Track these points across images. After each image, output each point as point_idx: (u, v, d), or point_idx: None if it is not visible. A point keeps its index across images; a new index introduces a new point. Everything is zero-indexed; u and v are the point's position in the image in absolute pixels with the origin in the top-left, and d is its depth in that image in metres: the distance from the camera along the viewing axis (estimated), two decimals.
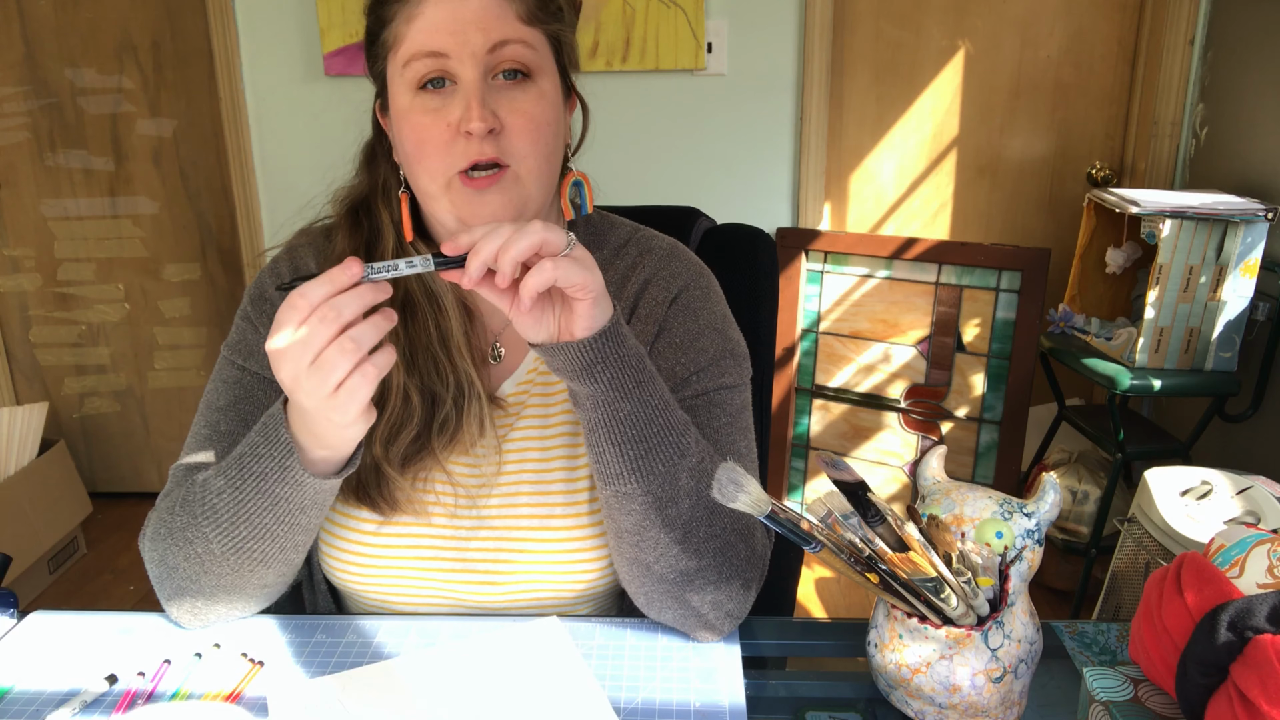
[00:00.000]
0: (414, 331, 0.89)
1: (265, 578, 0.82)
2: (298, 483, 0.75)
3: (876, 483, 2.52)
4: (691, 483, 0.78)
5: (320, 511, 0.80)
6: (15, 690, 0.79)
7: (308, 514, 0.79)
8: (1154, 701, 0.65)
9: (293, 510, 0.77)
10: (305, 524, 0.79)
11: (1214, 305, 1.94)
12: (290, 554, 0.81)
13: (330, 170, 0.95)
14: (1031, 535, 0.70)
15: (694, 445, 0.79)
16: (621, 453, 0.76)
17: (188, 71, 2.66)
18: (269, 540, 0.78)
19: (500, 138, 0.80)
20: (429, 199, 0.85)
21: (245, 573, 0.80)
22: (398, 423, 0.87)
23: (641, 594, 0.83)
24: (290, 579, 0.86)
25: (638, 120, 2.52)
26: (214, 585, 0.81)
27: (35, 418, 2.54)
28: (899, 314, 2.42)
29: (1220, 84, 2.28)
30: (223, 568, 0.80)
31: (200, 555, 0.80)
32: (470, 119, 0.78)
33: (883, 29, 2.53)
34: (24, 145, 2.75)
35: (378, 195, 0.91)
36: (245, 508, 0.77)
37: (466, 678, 0.78)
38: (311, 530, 0.81)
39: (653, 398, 0.77)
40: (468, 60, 0.79)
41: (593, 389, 0.75)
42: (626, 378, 0.75)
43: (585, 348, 0.73)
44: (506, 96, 0.81)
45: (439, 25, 0.79)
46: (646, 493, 0.77)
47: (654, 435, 0.76)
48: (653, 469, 0.77)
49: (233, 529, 0.78)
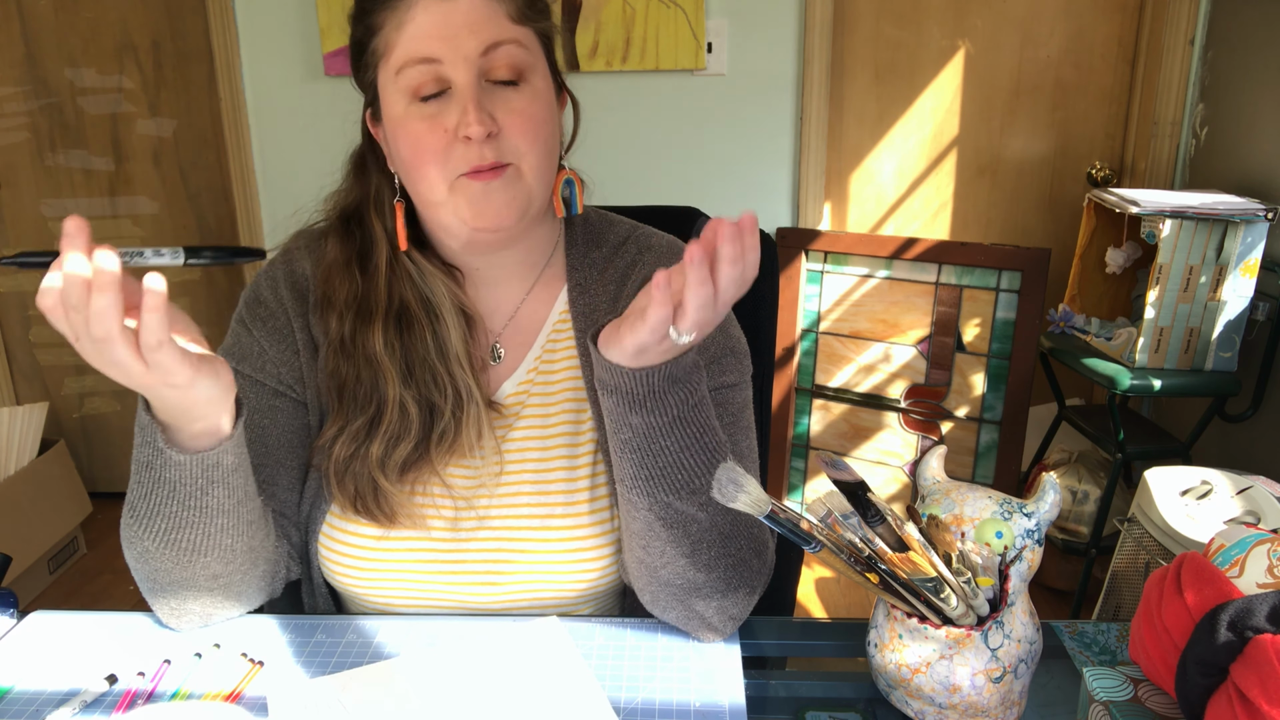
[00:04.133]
0: (410, 344, 0.88)
1: (211, 568, 0.80)
2: (177, 463, 0.73)
3: (876, 483, 2.52)
4: (704, 515, 0.77)
5: (229, 491, 0.77)
6: (15, 690, 0.79)
7: (211, 494, 0.76)
8: (1154, 701, 0.65)
9: (192, 492, 0.75)
10: (215, 505, 0.76)
11: (1214, 305, 1.94)
12: (221, 538, 0.78)
13: (330, 170, 0.95)
14: (1031, 535, 0.70)
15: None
16: (637, 473, 0.75)
17: (188, 71, 2.66)
18: (189, 528, 0.77)
19: (499, 140, 0.80)
20: (431, 206, 0.84)
21: (187, 565, 0.79)
22: (395, 435, 0.87)
23: (647, 593, 0.83)
24: (245, 572, 0.83)
25: (638, 120, 2.52)
26: (171, 581, 0.81)
27: (35, 418, 2.54)
28: (899, 314, 2.42)
29: (1220, 84, 2.28)
30: (165, 562, 0.79)
31: (144, 554, 0.79)
32: (468, 123, 0.78)
33: (883, 29, 2.53)
34: (24, 145, 2.75)
35: (369, 205, 0.91)
36: (150, 499, 0.76)
37: (466, 678, 0.78)
38: (231, 513, 0.78)
39: (703, 435, 0.74)
40: (461, 65, 0.79)
41: (641, 420, 0.73)
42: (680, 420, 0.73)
43: (646, 379, 0.70)
44: (502, 98, 0.81)
45: (430, 30, 0.78)
46: (650, 510, 0.76)
47: (689, 467, 0.74)
48: (655, 495, 0.76)
49: (151, 522, 0.77)
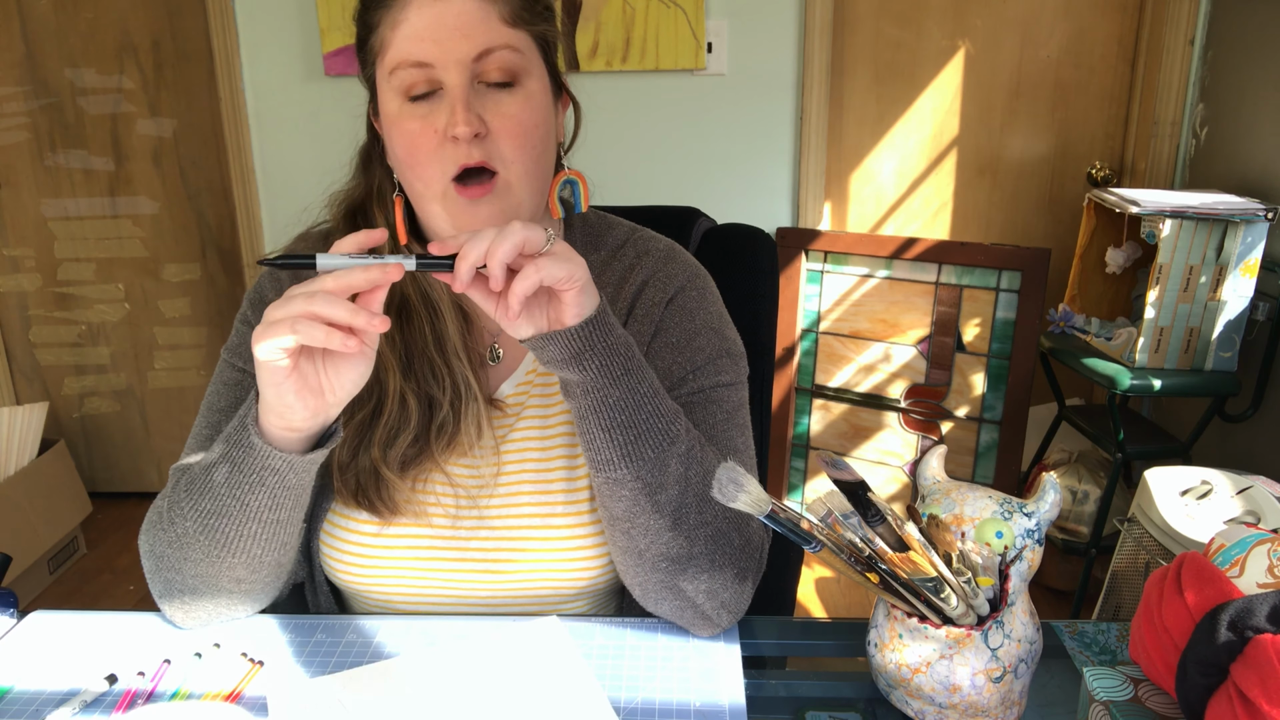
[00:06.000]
0: (410, 336, 0.89)
1: (237, 570, 0.81)
2: (249, 444, 0.76)
3: (876, 483, 2.52)
4: (681, 469, 0.79)
5: (274, 505, 0.78)
6: (15, 690, 0.79)
7: (257, 495, 0.77)
8: (1154, 701, 0.65)
9: (243, 481, 0.77)
10: (256, 507, 0.77)
11: (1214, 305, 1.94)
12: (252, 546, 0.79)
13: (330, 171, 0.96)
14: (1031, 535, 0.70)
15: (683, 433, 0.80)
16: (611, 438, 0.77)
17: (188, 71, 2.66)
18: (228, 517, 0.78)
19: (487, 142, 0.81)
20: (423, 200, 0.85)
21: (216, 559, 0.80)
22: (395, 427, 0.87)
23: (637, 584, 0.83)
24: (266, 583, 0.85)
25: (638, 120, 2.52)
26: (195, 574, 0.81)
27: (35, 418, 2.54)
28: (899, 314, 2.42)
29: (1220, 84, 2.28)
30: (196, 551, 0.80)
31: (179, 537, 0.80)
32: (455, 124, 0.79)
33: (883, 29, 2.53)
34: (24, 145, 2.75)
35: (373, 199, 0.91)
36: (213, 471, 0.78)
37: (466, 678, 0.78)
38: (268, 524, 0.79)
39: (641, 385, 0.78)
40: (453, 68, 0.79)
41: (582, 376, 0.76)
42: (615, 364, 0.76)
43: (573, 335, 0.74)
44: (493, 100, 0.81)
45: (423, 33, 0.79)
46: (636, 478, 0.78)
47: (643, 421, 0.77)
48: (642, 454, 0.77)
49: (201, 499, 0.79)
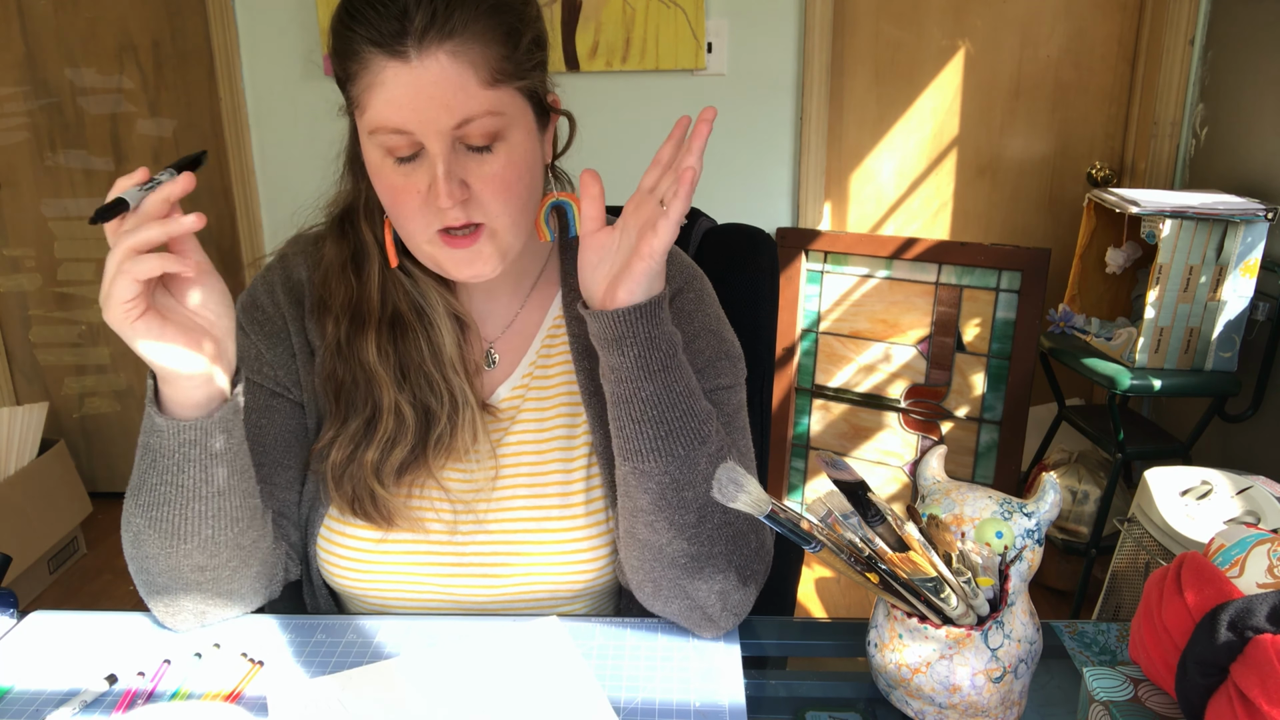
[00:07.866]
0: (405, 350, 0.89)
1: (194, 557, 0.80)
2: (158, 428, 0.77)
3: (876, 483, 2.52)
4: (710, 469, 0.79)
5: (206, 478, 0.78)
6: (15, 690, 0.79)
7: (186, 473, 0.77)
8: (1154, 701, 0.65)
9: (169, 466, 0.77)
10: (191, 487, 0.78)
11: (1214, 305, 1.94)
12: (200, 527, 0.79)
13: (330, 171, 0.95)
14: (1031, 535, 0.70)
15: (714, 434, 0.80)
16: (641, 431, 0.78)
17: (188, 71, 2.66)
18: (167, 506, 0.78)
19: (470, 203, 0.80)
20: (410, 241, 0.84)
21: (171, 551, 0.80)
22: (391, 438, 0.88)
23: (649, 582, 0.83)
24: (242, 572, 0.84)
25: (638, 120, 2.52)
26: (160, 570, 0.81)
27: (35, 418, 2.54)
28: (899, 314, 2.42)
29: (1220, 84, 2.28)
30: (152, 547, 0.80)
31: (135, 536, 0.81)
32: (438, 194, 0.78)
33: (883, 29, 2.53)
34: (24, 145, 2.75)
35: (360, 209, 0.91)
36: (139, 467, 0.79)
37: (466, 678, 0.78)
38: (209, 500, 0.79)
39: (677, 384, 0.78)
40: (433, 137, 0.77)
41: (619, 362, 0.77)
42: (654, 359, 0.77)
43: (619, 319, 0.76)
44: (475, 161, 0.80)
45: (401, 101, 0.77)
46: (665, 473, 0.78)
47: (676, 419, 0.78)
48: (672, 451, 0.78)
49: (139, 495, 0.80)
